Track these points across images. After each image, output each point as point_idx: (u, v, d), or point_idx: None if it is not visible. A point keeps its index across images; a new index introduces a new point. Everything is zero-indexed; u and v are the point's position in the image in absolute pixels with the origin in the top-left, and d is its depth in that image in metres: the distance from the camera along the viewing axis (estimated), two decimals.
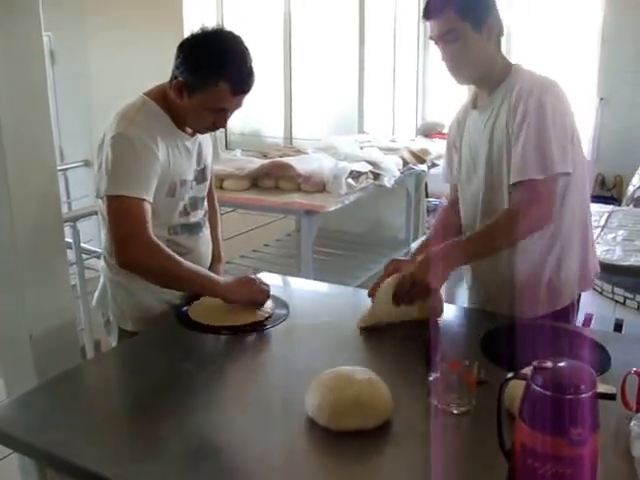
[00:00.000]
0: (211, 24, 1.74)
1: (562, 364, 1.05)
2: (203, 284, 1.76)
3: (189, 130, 1.84)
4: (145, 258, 1.67)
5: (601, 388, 1.06)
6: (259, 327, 1.74)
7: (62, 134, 4.49)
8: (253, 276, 1.87)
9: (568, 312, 1.87)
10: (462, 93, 6.11)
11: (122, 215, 1.66)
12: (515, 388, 1.17)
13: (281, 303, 1.87)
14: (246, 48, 1.71)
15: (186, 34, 1.76)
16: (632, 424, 1.17)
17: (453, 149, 2.02)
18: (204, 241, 1.98)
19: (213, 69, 1.66)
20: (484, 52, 1.76)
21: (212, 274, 1.82)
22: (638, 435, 1.13)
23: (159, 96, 1.77)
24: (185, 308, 1.83)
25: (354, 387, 1.29)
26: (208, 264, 2.01)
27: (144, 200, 1.67)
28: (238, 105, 1.75)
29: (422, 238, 3.41)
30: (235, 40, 1.71)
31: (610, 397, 1.06)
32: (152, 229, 1.68)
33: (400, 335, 1.73)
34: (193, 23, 4.39)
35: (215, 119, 1.75)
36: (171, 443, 1.26)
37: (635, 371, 1.31)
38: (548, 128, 1.65)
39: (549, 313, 1.82)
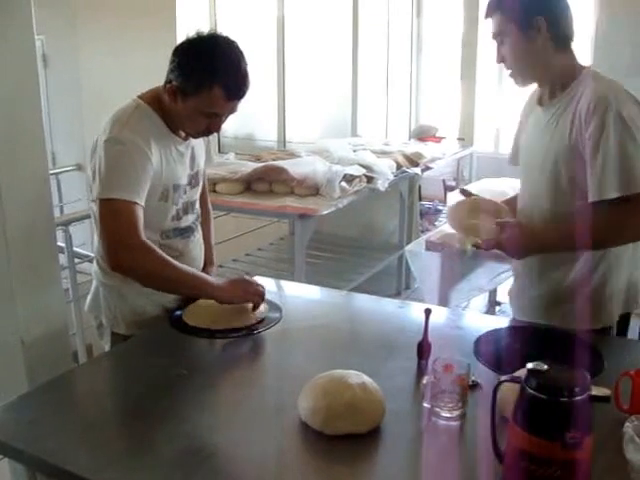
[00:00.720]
0: (206, 29, 1.74)
1: (556, 367, 1.05)
2: (196, 285, 1.75)
3: (182, 134, 1.83)
4: (137, 261, 1.66)
5: (595, 391, 1.06)
6: (252, 330, 1.74)
7: (54, 138, 4.49)
8: (247, 277, 1.86)
9: (608, 333, 1.84)
10: (456, 96, 6.11)
11: (114, 218, 1.66)
12: (507, 391, 1.17)
13: (274, 306, 1.86)
14: (241, 53, 1.71)
15: (179, 39, 1.75)
16: (625, 426, 1.17)
17: (519, 137, 2.00)
18: (196, 245, 1.98)
19: (207, 74, 1.66)
20: (534, 53, 1.72)
21: (205, 275, 1.82)
22: (631, 437, 1.13)
23: (153, 100, 1.76)
24: (179, 312, 1.82)
25: (348, 391, 1.29)
26: (200, 267, 2.00)
27: (136, 204, 1.66)
28: (232, 110, 1.74)
29: (416, 240, 3.41)
30: (230, 45, 1.71)
31: (604, 400, 1.06)
32: (144, 233, 1.67)
33: (392, 338, 1.73)
34: (186, 28, 4.39)
35: (209, 124, 1.75)
36: (164, 448, 1.25)
37: (628, 373, 1.32)
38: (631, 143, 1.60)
39: (588, 330, 1.75)
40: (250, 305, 1.78)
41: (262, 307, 1.82)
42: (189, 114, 1.72)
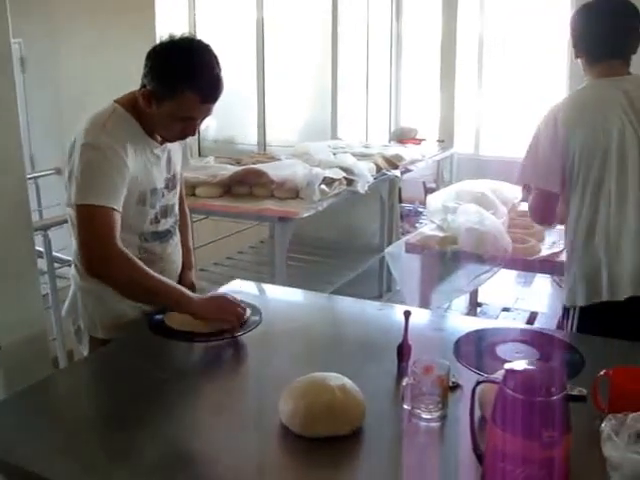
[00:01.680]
0: (182, 32, 1.73)
1: (533, 367, 1.06)
2: (173, 297, 1.71)
3: (159, 138, 1.82)
4: (113, 269, 1.65)
5: (572, 390, 1.07)
6: (233, 334, 1.73)
7: (33, 141, 4.44)
8: (230, 296, 1.80)
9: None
10: (436, 98, 6.14)
11: (91, 224, 1.65)
12: (488, 392, 1.18)
13: (254, 309, 1.86)
14: (215, 56, 1.71)
15: (159, 39, 1.75)
16: (603, 425, 1.18)
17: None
18: (174, 248, 1.97)
19: (180, 78, 1.65)
20: None
21: (183, 288, 1.77)
22: (609, 435, 1.15)
23: (130, 103, 1.76)
24: (159, 316, 1.81)
25: (327, 393, 1.29)
26: (179, 271, 1.99)
27: (113, 209, 1.65)
28: (207, 114, 1.74)
29: (396, 242, 3.42)
30: (203, 48, 1.70)
31: (581, 399, 1.07)
32: (123, 237, 1.66)
33: (373, 340, 1.73)
34: (165, 29, 4.38)
35: (184, 127, 1.74)
36: (144, 454, 1.25)
37: (606, 372, 1.33)
38: None
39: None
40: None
41: (248, 311, 1.80)
42: (164, 118, 1.72)
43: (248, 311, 1.80)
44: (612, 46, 1.94)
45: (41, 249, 2.68)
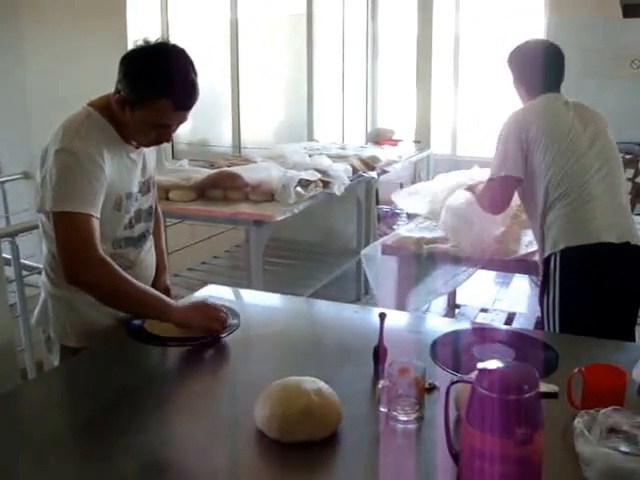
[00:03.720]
0: (155, 35, 1.71)
1: (506, 366, 1.06)
2: (155, 305, 1.69)
3: (134, 142, 1.80)
4: (95, 277, 1.63)
5: (545, 388, 1.08)
6: (209, 338, 1.70)
7: None
8: (211, 302, 1.80)
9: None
10: (412, 99, 6.15)
11: (70, 232, 1.62)
12: (463, 392, 1.18)
13: (233, 313, 1.83)
14: (190, 62, 1.68)
15: (129, 43, 1.72)
16: (576, 421, 1.19)
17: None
18: (147, 254, 1.94)
19: (154, 85, 1.63)
20: None
21: (165, 297, 1.75)
22: (581, 432, 1.16)
23: (104, 107, 1.73)
24: (138, 321, 1.77)
25: (303, 397, 1.28)
26: (152, 276, 1.96)
27: (92, 216, 1.63)
28: (181, 120, 1.72)
29: (372, 244, 3.42)
30: (178, 54, 1.68)
31: (552, 396, 1.07)
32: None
33: (350, 343, 1.72)
34: (137, 30, 4.33)
35: (158, 134, 1.73)
36: (118, 464, 1.22)
37: (580, 370, 1.34)
38: None
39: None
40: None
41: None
42: (138, 124, 1.70)
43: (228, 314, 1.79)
44: (550, 82, 2.35)
45: (9, 256, 2.63)
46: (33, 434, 1.36)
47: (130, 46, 1.70)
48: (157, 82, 1.63)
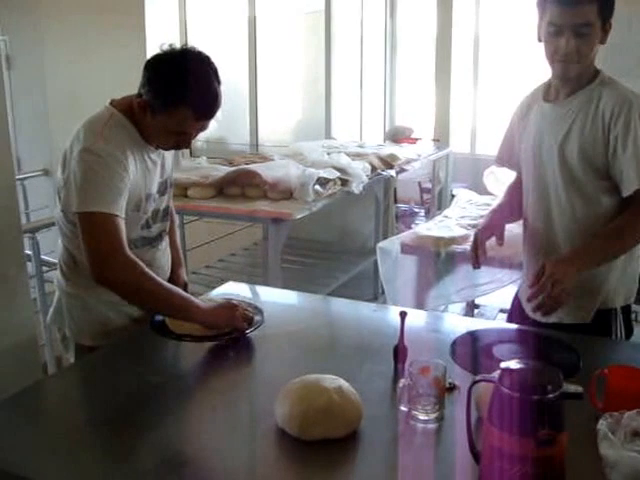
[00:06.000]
0: (174, 36, 1.71)
1: (529, 366, 1.05)
2: (183, 305, 1.68)
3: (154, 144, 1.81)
4: (123, 276, 1.63)
5: (568, 388, 1.06)
6: (235, 334, 1.69)
7: (19, 142, 4.37)
8: (235, 301, 1.79)
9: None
10: (431, 97, 6.12)
11: (98, 233, 1.62)
12: (484, 392, 1.17)
13: (257, 310, 1.82)
14: (214, 71, 1.68)
15: (148, 38, 1.72)
16: (600, 423, 1.18)
17: (513, 137, 2.04)
18: (163, 254, 1.94)
19: (176, 94, 1.63)
20: (595, 52, 1.79)
21: (192, 297, 1.73)
22: (605, 434, 1.14)
23: (126, 108, 1.73)
24: (160, 317, 1.76)
25: (324, 396, 1.27)
26: (167, 277, 1.95)
27: (117, 216, 1.63)
28: (202, 129, 1.73)
29: (390, 238, 3.39)
30: (202, 63, 1.67)
31: (577, 397, 1.06)
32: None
33: (369, 342, 1.71)
34: (155, 27, 4.34)
35: (178, 140, 1.73)
36: (137, 459, 1.23)
37: (603, 372, 1.33)
38: None
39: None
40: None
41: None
42: (158, 130, 1.70)
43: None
44: None
45: (29, 252, 2.65)
46: (54, 428, 1.37)
47: (151, 46, 1.70)
48: (179, 91, 1.62)
